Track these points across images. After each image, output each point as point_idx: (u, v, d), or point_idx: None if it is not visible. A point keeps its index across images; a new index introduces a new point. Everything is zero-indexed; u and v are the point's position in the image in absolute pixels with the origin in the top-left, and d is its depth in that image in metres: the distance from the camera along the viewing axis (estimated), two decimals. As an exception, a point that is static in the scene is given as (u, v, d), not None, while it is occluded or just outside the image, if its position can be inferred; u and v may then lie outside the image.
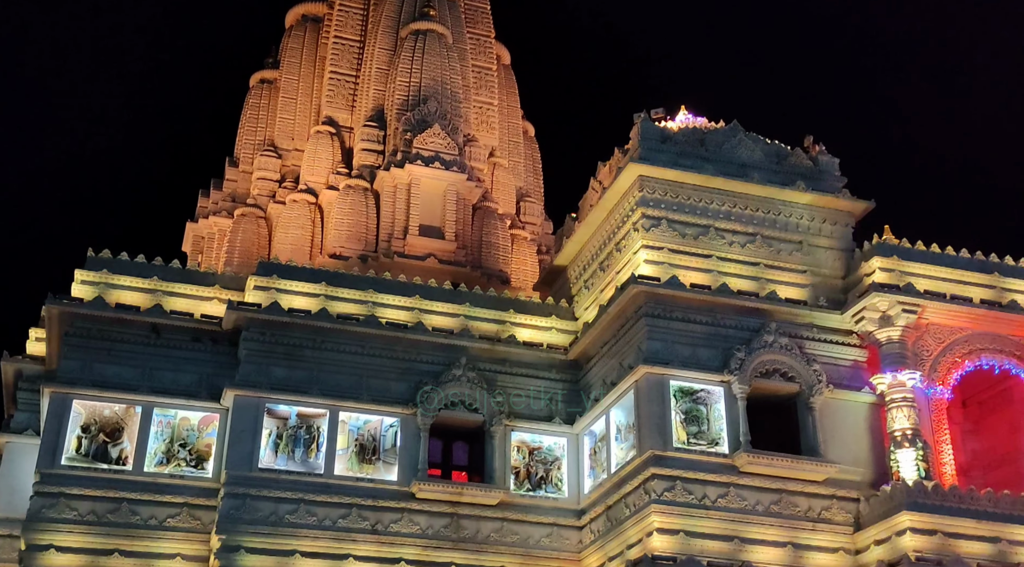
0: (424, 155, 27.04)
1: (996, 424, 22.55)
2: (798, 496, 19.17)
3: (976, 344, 20.55)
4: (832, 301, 21.01)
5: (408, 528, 20.28)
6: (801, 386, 19.98)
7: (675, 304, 20.28)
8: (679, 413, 19.45)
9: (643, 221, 21.16)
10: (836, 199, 21.90)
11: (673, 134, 22.07)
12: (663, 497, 18.62)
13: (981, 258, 21.19)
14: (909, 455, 19.10)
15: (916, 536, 17.80)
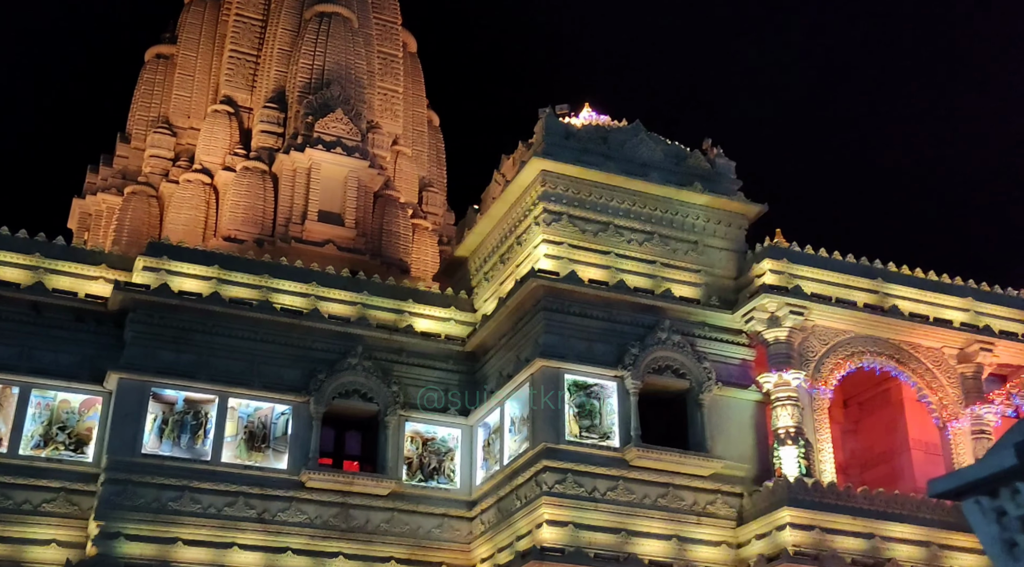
0: (326, 140, 26.60)
1: (874, 424, 23.48)
2: (685, 490, 19.58)
3: (858, 346, 21.31)
4: (724, 301, 21.51)
5: (296, 517, 19.97)
6: (691, 383, 20.40)
7: (573, 299, 20.45)
8: (573, 407, 19.63)
9: (544, 216, 21.28)
10: (731, 201, 22.42)
11: (577, 131, 22.24)
12: (554, 489, 18.78)
13: (866, 264, 21.98)
14: (791, 452, 19.69)
15: (795, 531, 18.37)
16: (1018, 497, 2.16)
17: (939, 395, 21.26)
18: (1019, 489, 2.16)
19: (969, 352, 21.62)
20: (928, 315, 21.63)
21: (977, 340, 21.58)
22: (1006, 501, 2.20)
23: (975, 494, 2.26)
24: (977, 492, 2.26)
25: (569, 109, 22.75)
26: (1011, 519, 2.19)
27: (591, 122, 22.87)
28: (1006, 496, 2.20)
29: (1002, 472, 2.14)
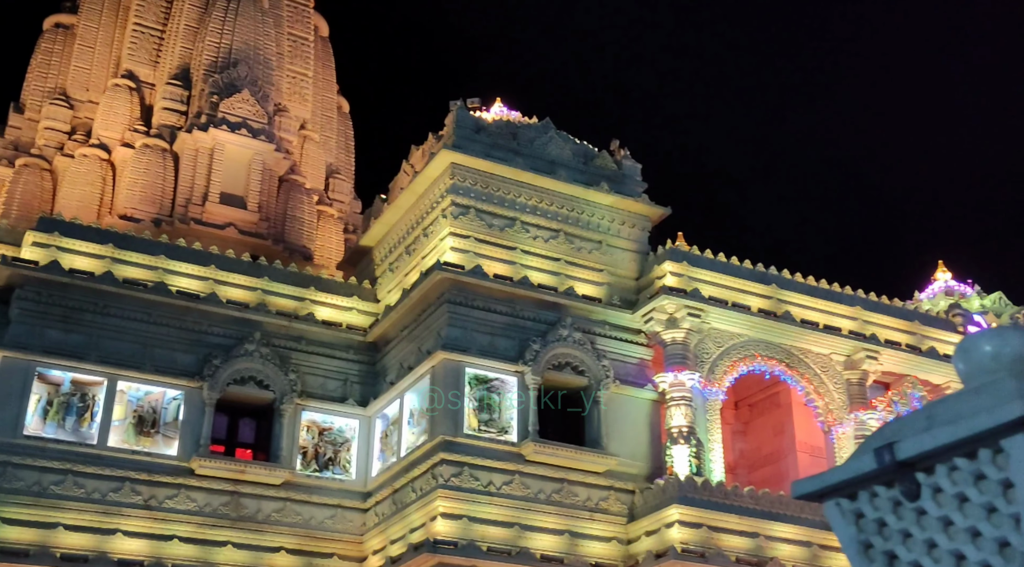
0: (231, 120, 26.00)
1: (763, 426, 24.17)
2: (579, 486, 19.82)
3: (751, 350, 21.88)
4: (625, 301, 21.83)
5: (184, 505, 19.52)
6: (590, 380, 20.65)
7: (477, 293, 20.49)
8: (473, 400, 19.67)
9: (452, 209, 21.25)
10: (636, 203, 22.75)
11: (487, 125, 22.27)
12: (450, 482, 18.79)
13: (762, 270, 22.58)
14: (683, 451, 20.11)
15: (684, 529, 18.78)
16: (876, 500, 2.26)
17: (825, 400, 21.99)
18: (877, 493, 2.26)
19: (856, 359, 22.41)
20: (819, 322, 22.34)
21: (864, 348, 22.39)
22: (864, 504, 2.30)
23: (836, 496, 2.36)
24: (838, 494, 2.35)
25: (481, 103, 22.77)
26: (868, 521, 2.28)
27: (502, 117, 22.93)
28: (864, 499, 2.29)
29: (861, 476, 2.23)
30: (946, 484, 2.20)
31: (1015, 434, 2.07)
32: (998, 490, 2.11)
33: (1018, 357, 2.31)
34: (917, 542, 2.26)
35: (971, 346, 2.36)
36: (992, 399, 2.16)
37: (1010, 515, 2.09)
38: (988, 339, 2.35)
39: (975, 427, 2.11)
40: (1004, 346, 2.33)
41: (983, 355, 2.33)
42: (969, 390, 2.28)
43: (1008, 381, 2.18)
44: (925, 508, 2.23)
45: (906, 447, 2.23)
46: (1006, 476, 2.09)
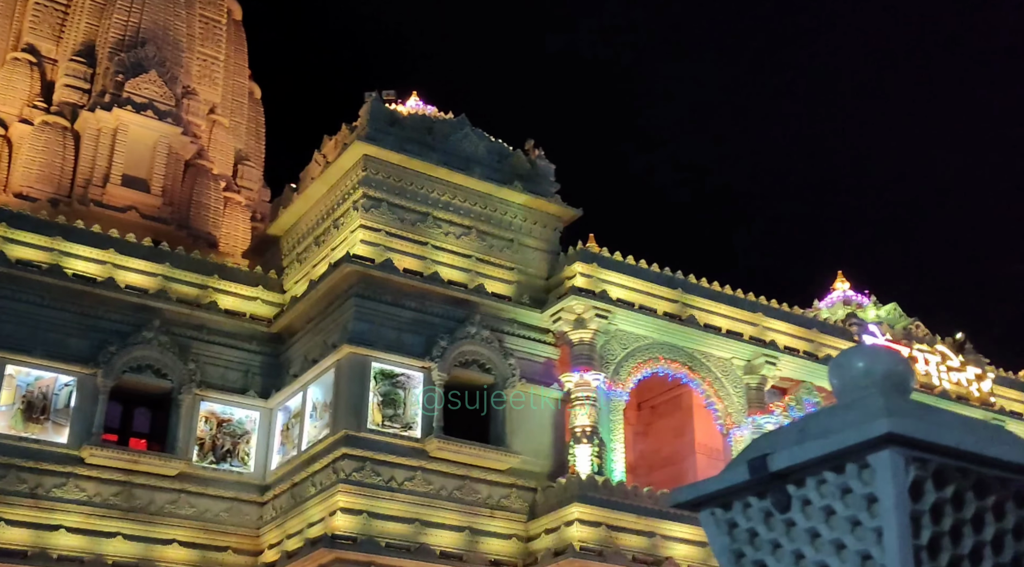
0: (136, 101, 25.22)
1: (664, 428, 24.58)
2: (481, 483, 19.85)
3: (656, 353, 22.22)
4: (534, 300, 21.93)
5: (73, 494, 18.89)
6: (497, 378, 20.69)
7: (386, 287, 20.33)
8: (377, 395, 19.52)
9: (364, 201, 21.03)
10: (548, 203, 22.88)
11: (402, 118, 22.10)
12: (351, 477, 18.62)
13: (669, 274, 22.93)
14: (586, 451, 20.32)
15: (583, 527, 18.97)
16: (749, 511, 2.30)
17: (725, 403, 22.47)
18: (750, 503, 2.30)
19: (755, 364, 22.96)
20: (721, 327, 22.81)
21: (763, 353, 22.95)
22: (738, 514, 2.34)
23: (711, 506, 2.38)
24: (713, 504, 2.38)
25: (396, 96, 22.59)
26: (741, 531, 2.32)
27: (417, 111, 22.80)
28: (738, 509, 2.33)
29: (735, 486, 2.27)
30: (815, 497, 2.24)
31: (880, 450, 2.12)
32: (863, 504, 2.16)
33: (888, 374, 2.38)
34: (786, 553, 2.30)
35: (844, 362, 2.42)
36: (861, 415, 2.21)
37: (873, 529, 2.15)
38: (861, 356, 2.41)
39: (843, 442, 2.16)
40: (876, 363, 2.39)
41: (856, 371, 2.39)
42: (841, 405, 2.33)
43: (877, 398, 2.24)
44: (794, 520, 2.28)
45: (779, 459, 2.27)
46: (871, 491, 2.15)
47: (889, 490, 2.10)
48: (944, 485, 2.16)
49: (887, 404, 2.19)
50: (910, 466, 2.12)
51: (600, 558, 18.72)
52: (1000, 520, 2.22)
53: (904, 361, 2.43)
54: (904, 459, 2.11)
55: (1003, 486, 2.22)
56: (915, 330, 25.26)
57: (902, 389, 2.38)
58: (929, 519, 2.13)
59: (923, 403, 2.35)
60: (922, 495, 2.13)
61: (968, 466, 2.18)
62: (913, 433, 2.10)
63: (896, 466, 2.10)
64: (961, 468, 2.17)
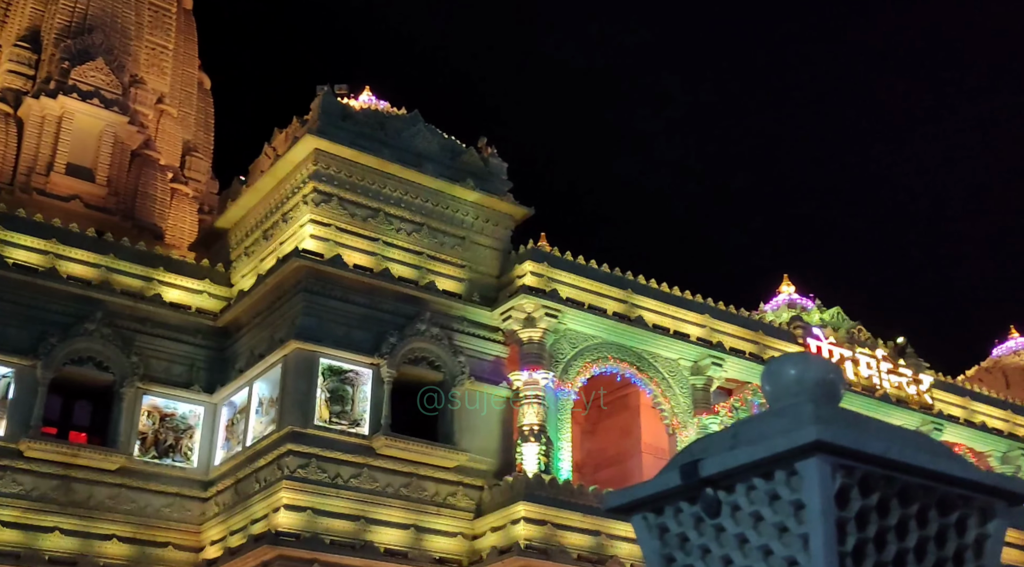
0: (82, 89, 24.72)
1: (611, 427, 24.72)
2: (428, 481, 19.80)
3: (604, 352, 22.33)
4: (485, 298, 21.92)
5: (9, 488, 18.49)
6: (446, 376, 20.65)
7: (335, 283, 20.18)
8: (325, 391, 19.38)
9: (314, 195, 20.85)
10: (501, 201, 22.88)
11: (355, 113, 21.95)
12: (296, 474, 18.46)
13: (618, 274, 23.05)
14: (533, 449, 20.37)
15: (529, 526, 19.00)
16: (680, 516, 2.32)
17: (671, 403, 22.66)
18: (682, 508, 2.32)
19: (702, 365, 23.18)
20: (669, 328, 22.99)
21: (710, 355, 23.18)
22: (669, 519, 2.35)
23: (643, 510, 2.40)
24: (645, 508, 2.39)
25: (349, 90, 22.42)
26: (672, 536, 2.34)
27: (370, 106, 22.65)
28: (669, 514, 2.34)
29: (667, 491, 2.28)
30: (744, 503, 2.26)
31: (808, 457, 2.15)
32: (790, 511, 2.19)
33: (819, 382, 2.41)
34: (715, 558, 2.32)
35: (777, 369, 2.44)
36: (791, 422, 2.24)
37: (799, 535, 2.17)
38: (793, 363, 2.44)
39: (772, 449, 2.18)
40: (807, 371, 2.42)
41: (788, 378, 2.42)
42: (773, 412, 2.35)
43: (807, 405, 2.27)
44: (724, 525, 2.30)
45: (710, 465, 2.29)
46: (798, 497, 2.17)
47: (816, 497, 2.12)
48: (870, 492, 2.19)
49: (816, 412, 2.21)
50: (837, 473, 2.14)
51: (545, 556, 18.77)
52: (923, 528, 2.26)
53: (835, 369, 2.47)
54: (831, 466, 2.14)
55: (927, 494, 2.26)
56: (858, 334, 25.69)
57: (832, 397, 2.41)
58: (854, 526, 2.16)
59: (852, 411, 2.39)
60: (848, 502, 2.16)
61: (893, 474, 2.21)
62: (840, 441, 2.13)
63: (823, 473, 2.12)
64: (887, 476, 2.21)
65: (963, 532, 2.30)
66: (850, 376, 24.83)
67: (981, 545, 2.33)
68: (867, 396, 24.74)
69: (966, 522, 2.30)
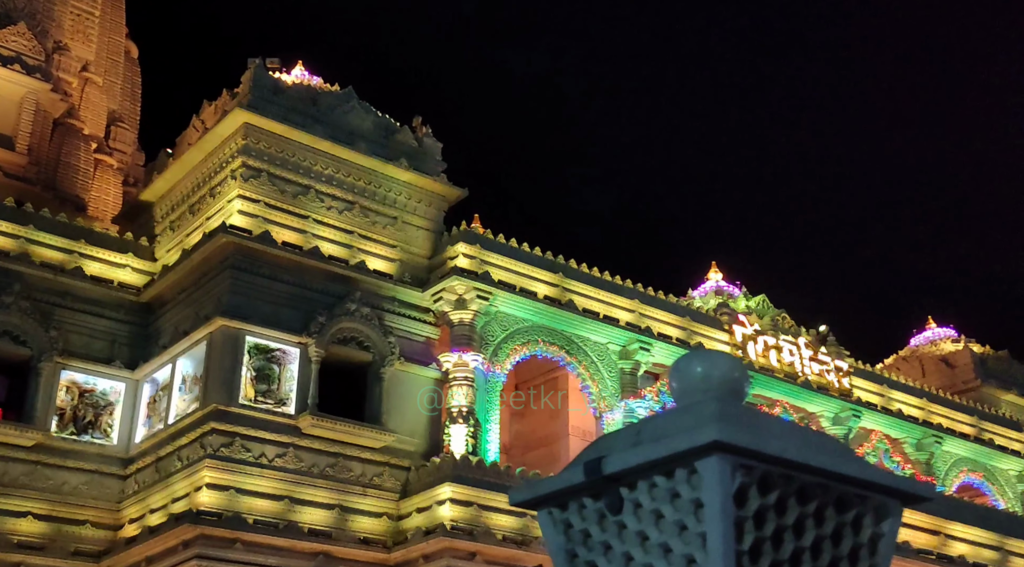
0: (3, 54, 23.85)
1: (539, 409, 24.86)
2: (354, 461, 19.70)
3: (535, 335, 22.42)
4: (416, 279, 21.82)
5: (-83, 466, 17.92)
6: (375, 356, 20.53)
7: (264, 260, 19.89)
8: (251, 370, 19.13)
9: (243, 170, 20.48)
10: (434, 182, 22.76)
11: (286, 88, 21.58)
12: (219, 453, 18.22)
13: (551, 258, 23.13)
14: (461, 431, 20.39)
15: (455, 507, 19.04)
16: (584, 512, 2.32)
17: (599, 387, 22.87)
18: (585, 504, 2.32)
19: (630, 350, 23.41)
20: (599, 312, 23.16)
21: (638, 339, 23.42)
22: (573, 515, 2.36)
23: (548, 506, 2.40)
24: (550, 504, 2.39)
25: (281, 64, 22.03)
26: (575, 531, 2.34)
27: (302, 81, 22.30)
28: (574, 510, 2.35)
29: (571, 487, 2.29)
30: (645, 500, 2.28)
31: (708, 457, 2.16)
32: (690, 509, 2.20)
33: (725, 380, 2.43)
34: (616, 555, 2.33)
35: (684, 366, 2.46)
36: (694, 420, 2.25)
37: (698, 534, 2.19)
38: (699, 361, 2.46)
39: (674, 447, 2.20)
40: (714, 369, 2.44)
41: (694, 376, 2.43)
42: (678, 409, 2.37)
43: (711, 404, 2.28)
44: (625, 522, 2.31)
45: (613, 462, 2.29)
46: (698, 496, 2.19)
47: (715, 496, 2.14)
48: (768, 491, 2.22)
49: (719, 411, 2.23)
50: (736, 473, 2.17)
51: (470, 538, 18.83)
52: (820, 526, 2.30)
53: (741, 367, 2.49)
54: (731, 466, 2.16)
55: (824, 493, 2.30)
56: (782, 321, 26.19)
57: (738, 394, 2.43)
58: (752, 525, 2.19)
59: (756, 410, 2.41)
60: (746, 501, 2.19)
61: (792, 473, 2.24)
62: (740, 441, 2.15)
63: (722, 472, 2.14)
64: (785, 475, 2.23)
65: (859, 531, 2.35)
66: (773, 362, 25.33)
67: (875, 544, 2.38)
68: (789, 382, 25.28)
69: (862, 521, 2.35)
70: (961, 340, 35.07)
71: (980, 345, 35.02)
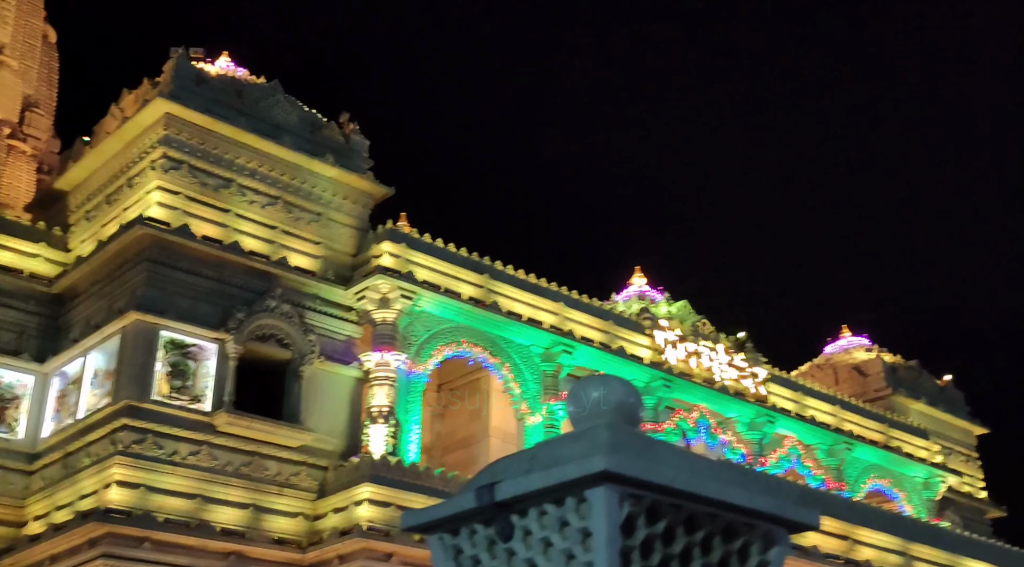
0: (-89, 31, 22.96)
1: (461, 410, 24.81)
2: (271, 460, 19.41)
3: (458, 336, 22.37)
4: (339, 276, 21.59)
5: None
6: (295, 354, 20.25)
7: (182, 254, 19.47)
8: (166, 365, 18.71)
9: (163, 161, 20.02)
10: (360, 179, 22.55)
11: (210, 78, 21.16)
12: (130, 449, 17.79)
13: (476, 259, 23.11)
14: (381, 431, 20.24)
15: (372, 507, 18.89)
16: (475, 538, 2.31)
17: (521, 389, 22.93)
18: (476, 531, 2.31)
19: (553, 352, 23.52)
20: (523, 314, 23.21)
21: (561, 342, 23.55)
22: (464, 540, 2.34)
23: (440, 531, 2.37)
24: (442, 529, 2.37)
25: (205, 54, 21.59)
26: (466, 557, 2.33)
27: (227, 73, 21.88)
28: (465, 536, 2.33)
29: (462, 513, 2.26)
30: (535, 528, 2.27)
31: (597, 486, 2.16)
32: (578, 538, 2.20)
33: (621, 405, 2.44)
34: (505, 582, 2.32)
35: (579, 392, 2.46)
36: (586, 448, 2.25)
37: (585, 563, 2.19)
38: (595, 386, 2.46)
39: (564, 475, 2.19)
40: (610, 394, 2.44)
41: (590, 401, 2.44)
42: (573, 435, 2.37)
43: (603, 432, 2.29)
44: (515, 550, 2.30)
45: (504, 488, 2.28)
46: (586, 525, 2.19)
47: (602, 525, 2.14)
48: (656, 521, 2.23)
49: (610, 439, 2.24)
50: (624, 502, 2.17)
51: (387, 538, 18.71)
52: (706, 554, 2.32)
53: (636, 393, 2.50)
54: (619, 495, 2.16)
55: (712, 521, 2.32)
56: (702, 327, 26.60)
57: (632, 420, 2.44)
58: (639, 554, 2.20)
59: (649, 437, 2.42)
60: (634, 531, 2.19)
61: (681, 502, 2.26)
62: (629, 470, 2.15)
63: (610, 502, 2.15)
64: (675, 504, 2.25)
65: (745, 559, 2.38)
66: (693, 368, 25.70)
67: (761, 572, 2.41)
68: (707, 387, 25.68)
69: (748, 549, 2.38)
70: (874, 349, 36.06)
71: (892, 354, 36.05)
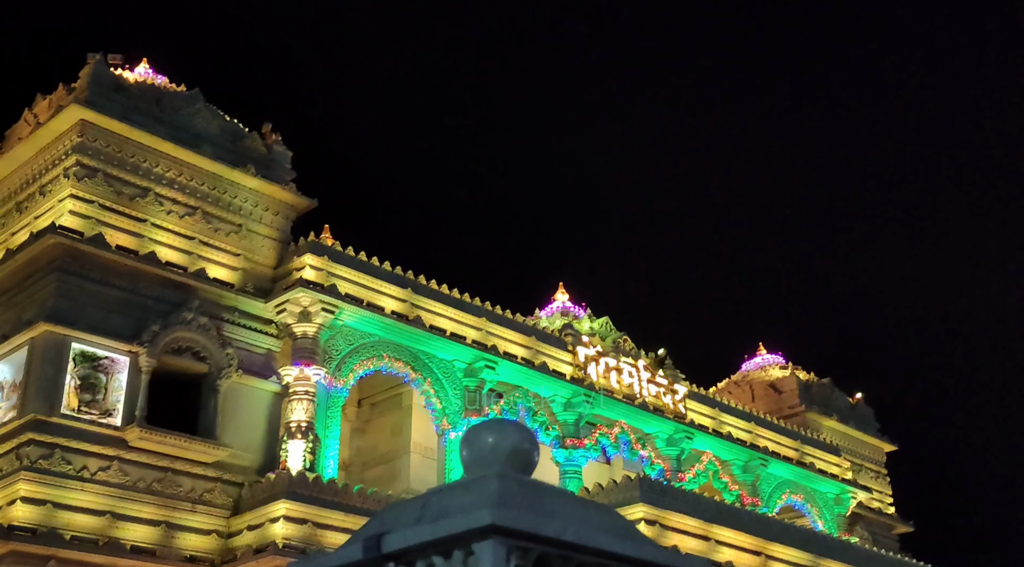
0: None
1: (382, 425, 24.63)
2: (184, 476, 18.99)
3: (380, 350, 22.19)
4: (259, 289, 21.26)
5: None
6: (211, 368, 19.87)
7: (94, 264, 18.97)
8: (76, 378, 18.18)
9: (77, 169, 19.49)
10: (282, 190, 22.27)
11: (128, 85, 20.70)
12: (37, 465, 17.24)
13: (400, 273, 22.97)
14: (299, 446, 19.96)
15: (288, 524, 18.60)
16: (363, 588, 2.27)
17: (443, 404, 22.84)
18: (364, 581, 2.27)
19: (476, 368, 23.49)
20: (447, 329, 23.14)
21: (484, 358, 23.53)
22: (352, 591, 2.30)
23: (327, 582, 2.33)
24: (329, 580, 2.33)
25: (124, 61, 21.13)
26: (352, 608, 2.28)
27: (146, 80, 21.43)
28: (353, 586, 2.29)
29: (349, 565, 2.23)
30: (423, 580, 2.25)
31: (484, 540, 2.15)
32: (465, 591, 2.19)
33: (514, 452, 2.43)
34: (392, 633, 2.29)
35: (474, 437, 2.45)
36: (475, 499, 2.24)
37: (472, 616, 2.18)
38: (490, 431, 2.45)
39: (452, 528, 2.18)
40: (504, 439, 2.44)
41: (484, 446, 2.43)
42: (464, 483, 2.36)
43: (493, 483, 2.28)
44: (403, 601, 2.27)
45: (392, 540, 2.26)
46: (474, 578, 2.18)
47: (489, 579, 2.13)
48: (544, 572, 2.23)
49: (499, 491, 2.23)
50: (512, 555, 2.17)
51: (303, 556, 18.42)
52: (595, 604, 2.33)
53: (531, 437, 2.50)
54: (506, 549, 2.16)
55: (600, 572, 2.33)
56: (623, 343, 26.86)
57: (526, 466, 2.44)
58: (527, 606, 2.19)
59: (542, 486, 2.42)
60: (521, 583, 2.19)
61: (570, 554, 2.26)
62: (517, 524, 2.15)
63: (497, 556, 2.14)
64: (563, 556, 2.25)
65: (635, 608, 2.39)
66: (613, 384, 25.92)
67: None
68: (627, 404, 25.92)
69: (639, 598, 2.39)
70: (788, 367, 36.85)
71: (806, 372, 36.88)
